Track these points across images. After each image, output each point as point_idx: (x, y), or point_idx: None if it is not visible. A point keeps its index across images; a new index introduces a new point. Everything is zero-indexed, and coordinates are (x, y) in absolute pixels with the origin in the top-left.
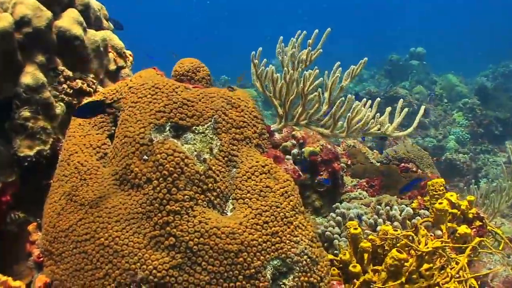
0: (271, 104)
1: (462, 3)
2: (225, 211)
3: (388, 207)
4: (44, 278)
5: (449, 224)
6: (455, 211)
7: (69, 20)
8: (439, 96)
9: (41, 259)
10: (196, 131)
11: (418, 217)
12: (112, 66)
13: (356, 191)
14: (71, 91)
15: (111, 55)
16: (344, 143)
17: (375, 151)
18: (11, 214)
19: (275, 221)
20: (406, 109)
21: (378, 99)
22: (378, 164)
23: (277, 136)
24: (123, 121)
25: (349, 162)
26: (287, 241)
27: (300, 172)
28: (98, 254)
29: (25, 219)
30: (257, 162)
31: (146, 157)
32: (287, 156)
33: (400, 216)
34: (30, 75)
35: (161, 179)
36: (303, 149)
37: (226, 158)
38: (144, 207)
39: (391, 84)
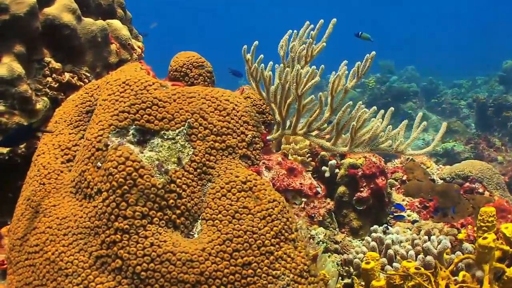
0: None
1: None
2: (191, 233)
3: (426, 237)
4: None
5: (495, 264)
6: (506, 248)
7: (59, 7)
8: None
9: (5, 265)
10: (165, 137)
11: (458, 252)
12: (113, 59)
13: (405, 212)
14: (57, 84)
15: (114, 46)
16: (402, 155)
17: (441, 165)
18: None
19: (249, 250)
20: (424, 123)
21: (392, 108)
22: (441, 181)
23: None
24: (90, 121)
25: (404, 178)
26: (263, 275)
27: (319, 189)
28: (45, 269)
29: (2, 220)
30: (236, 177)
31: (100, 164)
32: (324, 167)
33: (436, 249)
34: (6, 66)
35: (110, 191)
36: (342, 161)
37: (199, 170)
38: (93, 222)
39: (504, 91)
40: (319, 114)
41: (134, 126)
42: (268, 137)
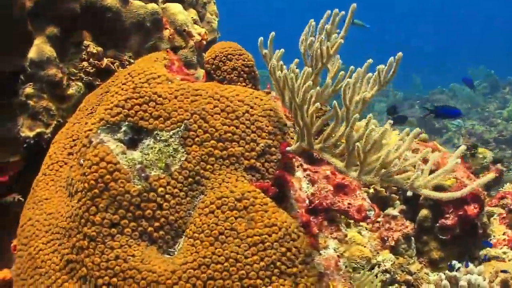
0: None
1: None
2: (171, 250)
3: None
4: (4, 274)
5: None
6: None
7: None
8: None
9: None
10: (158, 138)
11: None
12: (164, 45)
13: (500, 248)
14: (93, 69)
15: (167, 32)
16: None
17: None
18: (9, 196)
19: (228, 280)
20: (457, 161)
21: (417, 130)
22: None
23: (409, 155)
24: None
25: None
26: None
27: (371, 213)
28: (27, 264)
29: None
30: (231, 192)
31: (82, 162)
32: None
33: None
34: (36, 48)
35: (83, 192)
36: None
37: (190, 179)
38: (68, 223)
39: None
40: (336, 127)
41: (126, 123)
42: (287, 148)
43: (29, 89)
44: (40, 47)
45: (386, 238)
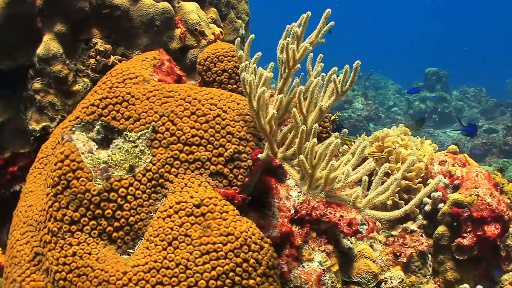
0: None
1: None
2: (131, 251)
3: None
4: (1, 259)
5: None
6: None
7: None
8: None
9: None
10: (127, 138)
11: None
12: (175, 44)
13: None
14: (100, 66)
15: (178, 31)
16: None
17: None
18: (17, 185)
19: (176, 286)
20: (395, 181)
21: (365, 143)
22: None
23: (435, 168)
24: None
25: None
26: None
27: (363, 227)
28: (8, 252)
29: None
30: (191, 197)
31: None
32: (426, 199)
33: None
34: (43, 44)
35: (50, 188)
36: (450, 194)
37: (154, 182)
38: (39, 216)
39: None
40: (295, 137)
41: (100, 122)
42: (258, 156)
43: (36, 84)
44: (47, 44)
45: (398, 254)
